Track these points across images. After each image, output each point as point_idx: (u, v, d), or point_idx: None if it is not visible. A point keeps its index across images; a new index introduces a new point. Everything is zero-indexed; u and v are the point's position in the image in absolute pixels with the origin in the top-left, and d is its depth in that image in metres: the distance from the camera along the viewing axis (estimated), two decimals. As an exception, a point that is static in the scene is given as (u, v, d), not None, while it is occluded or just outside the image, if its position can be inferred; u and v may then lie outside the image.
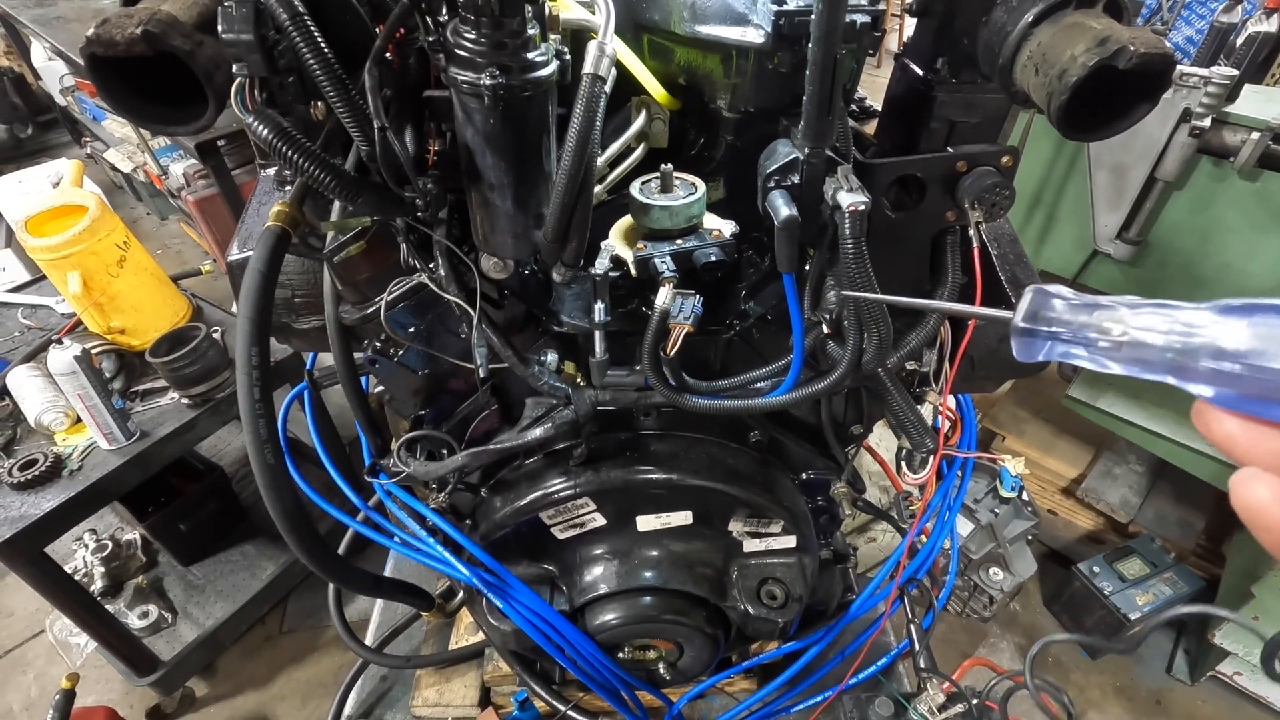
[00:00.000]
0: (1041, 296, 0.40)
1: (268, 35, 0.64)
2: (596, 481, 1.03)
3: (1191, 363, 0.34)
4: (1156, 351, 0.36)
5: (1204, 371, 0.34)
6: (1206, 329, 0.34)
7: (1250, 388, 0.33)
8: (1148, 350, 0.36)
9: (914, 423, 0.94)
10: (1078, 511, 3.08)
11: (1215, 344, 0.33)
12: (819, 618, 1.31)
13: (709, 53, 0.80)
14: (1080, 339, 0.39)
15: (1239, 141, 2.12)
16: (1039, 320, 0.40)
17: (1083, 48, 0.64)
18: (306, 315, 1.10)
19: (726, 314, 0.98)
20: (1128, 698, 2.63)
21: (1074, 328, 0.39)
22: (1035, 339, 0.40)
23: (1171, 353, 0.35)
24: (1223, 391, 0.34)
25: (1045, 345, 0.40)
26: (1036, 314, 0.40)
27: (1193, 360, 0.34)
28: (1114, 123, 0.71)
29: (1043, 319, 0.40)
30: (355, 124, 0.68)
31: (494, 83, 0.65)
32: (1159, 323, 0.36)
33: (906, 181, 0.83)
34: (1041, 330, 0.40)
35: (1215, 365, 0.33)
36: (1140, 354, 0.36)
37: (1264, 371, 0.32)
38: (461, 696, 1.52)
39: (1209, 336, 0.34)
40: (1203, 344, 0.34)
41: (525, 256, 0.84)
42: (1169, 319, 0.35)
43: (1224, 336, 0.33)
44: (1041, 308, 0.40)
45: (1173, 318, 0.35)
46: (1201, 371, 0.34)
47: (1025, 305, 0.41)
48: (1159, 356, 0.35)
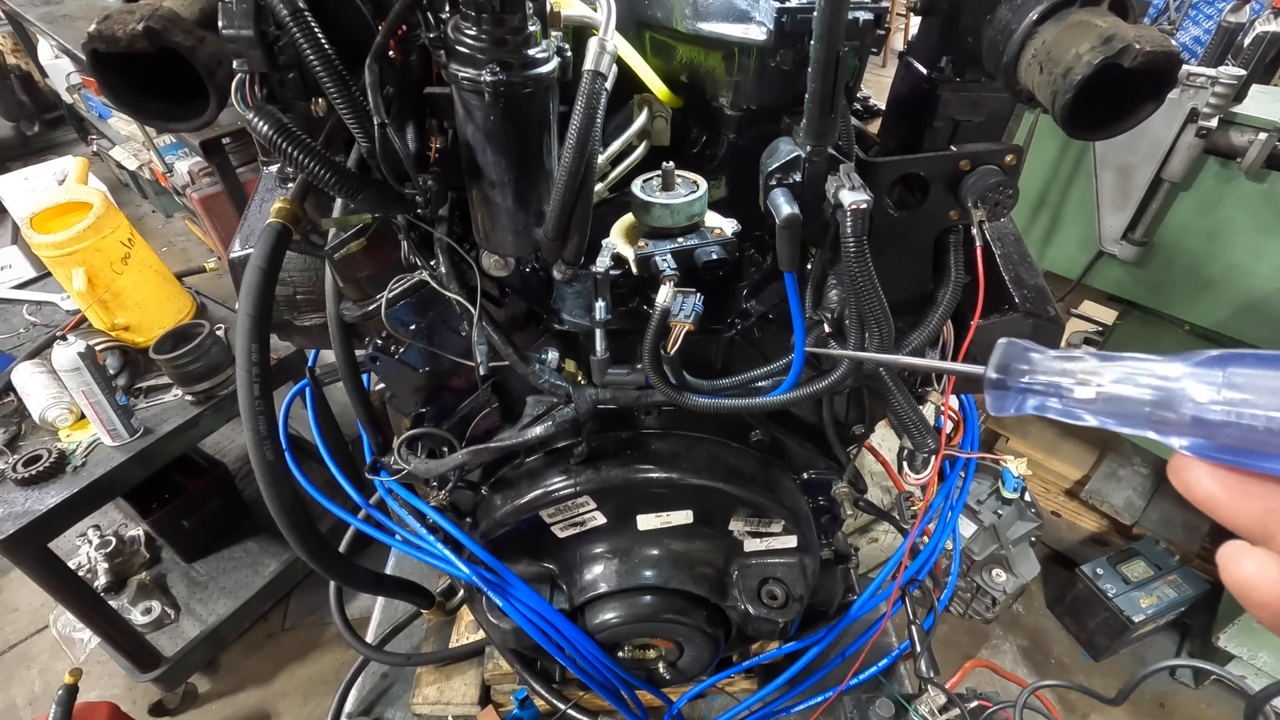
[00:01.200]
0: (1014, 349, 0.40)
1: (268, 31, 0.64)
2: (597, 480, 1.03)
3: (1168, 415, 0.34)
4: (1133, 405, 0.35)
5: (1181, 423, 0.34)
6: (1182, 381, 0.33)
7: (1229, 438, 0.32)
8: (1124, 404, 0.35)
9: (916, 423, 0.93)
10: (1081, 513, 3.07)
11: (1192, 396, 0.33)
12: (820, 618, 1.30)
13: (711, 50, 0.80)
14: (1054, 392, 0.38)
15: (1246, 142, 2.11)
16: (1011, 373, 0.39)
17: (1088, 46, 0.63)
18: (308, 312, 1.10)
19: (728, 313, 0.98)
20: (1131, 701, 2.60)
21: (1047, 381, 0.38)
22: (1008, 392, 0.40)
23: (1148, 406, 0.35)
24: (1200, 443, 0.34)
25: (1018, 399, 0.40)
26: (1009, 366, 0.39)
27: (1170, 412, 0.34)
28: (1119, 122, 0.70)
29: (1015, 371, 0.39)
30: (356, 120, 0.68)
31: (495, 79, 0.64)
32: (1134, 375, 0.35)
33: (910, 180, 0.83)
34: (1014, 384, 0.39)
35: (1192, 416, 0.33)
36: (1116, 407, 0.36)
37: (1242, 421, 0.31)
38: (462, 694, 1.52)
39: (1185, 388, 0.33)
40: (1178, 396, 0.33)
41: (526, 254, 0.84)
42: (1144, 372, 0.35)
43: (1200, 388, 0.33)
44: (1014, 360, 0.40)
45: (1148, 370, 0.35)
46: (1178, 424, 0.34)
47: (996, 358, 0.40)
48: (1135, 410, 0.35)
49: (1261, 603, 0.34)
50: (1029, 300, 0.99)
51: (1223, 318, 2.36)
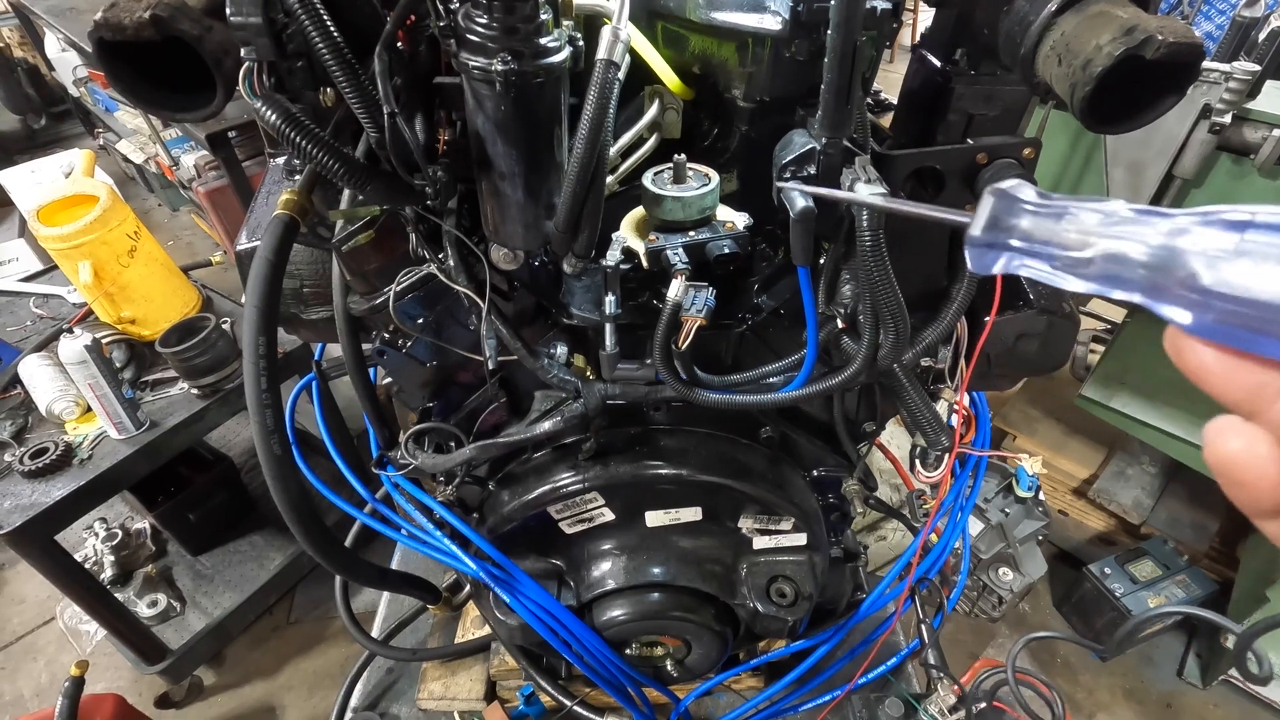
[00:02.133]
0: (1004, 201, 0.35)
1: (276, 19, 0.63)
2: (605, 476, 1.02)
3: (1167, 281, 0.30)
4: (1130, 266, 0.31)
5: (1181, 293, 0.30)
6: (1189, 242, 0.29)
7: (1232, 317, 0.28)
8: (1120, 264, 0.31)
9: (929, 420, 0.92)
10: (1089, 512, 3.05)
11: (1196, 261, 0.29)
12: (828, 616, 1.30)
13: (724, 40, 0.79)
14: (1043, 252, 0.34)
15: (1260, 138, 2.09)
16: (999, 229, 0.35)
17: (1109, 37, 0.62)
18: (315, 306, 1.10)
19: (739, 308, 0.97)
20: (1138, 700, 2.60)
21: (1037, 239, 0.34)
22: (992, 250, 0.35)
23: (1146, 269, 0.30)
24: (1200, 318, 0.30)
25: (1003, 257, 0.35)
26: (997, 221, 0.35)
27: (1169, 279, 0.30)
28: (1139, 115, 0.69)
29: (1004, 227, 0.35)
30: (365, 110, 0.67)
31: (506, 68, 0.63)
32: (1136, 233, 0.31)
33: (923, 174, 0.82)
34: (1001, 241, 0.35)
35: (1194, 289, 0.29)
36: (1111, 269, 0.32)
37: (1248, 300, 0.27)
38: (467, 690, 1.51)
39: (1191, 254, 0.29)
40: (1182, 260, 0.29)
41: (536, 247, 0.83)
42: (1148, 229, 0.31)
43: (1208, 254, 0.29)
44: (1004, 214, 0.35)
45: (1152, 228, 0.31)
46: (1178, 294, 0.30)
47: (986, 211, 0.35)
48: (1132, 273, 0.31)
49: (1241, 481, 0.31)
50: (1044, 297, 0.98)
51: (1234, 317, 2.34)
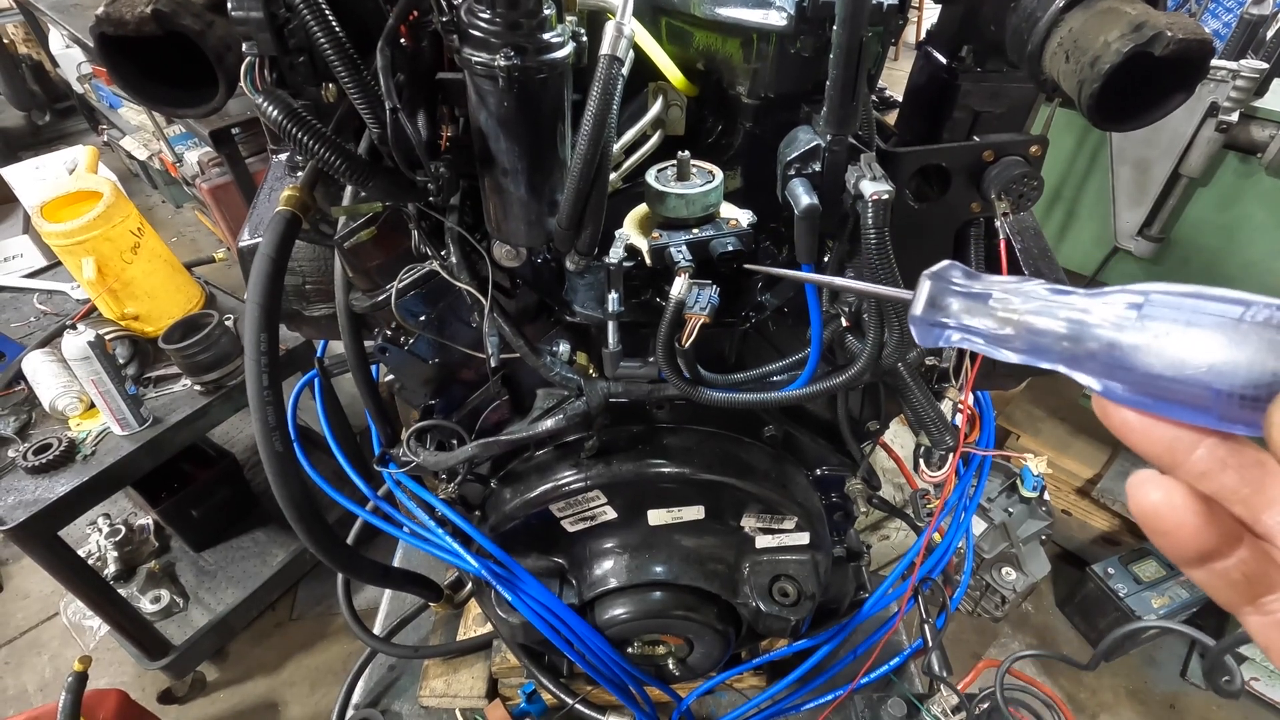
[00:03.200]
0: (940, 284, 0.39)
1: (278, 13, 0.62)
2: (608, 474, 1.02)
3: (1081, 354, 0.34)
4: (1049, 340, 0.35)
5: (1093, 365, 0.33)
6: (1096, 318, 0.33)
7: (1136, 385, 0.32)
8: (1041, 338, 0.35)
9: (934, 419, 0.92)
10: (1093, 512, 3.04)
11: (1105, 337, 0.33)
12: (831, 616, 1.29)
13: (729, 36, 0.78)
14: (974, 328, 0.38)
15: (1267, 137, 2.08)
16: (936, 309, 0.39)
17: (1117, 34, 0.61)
18: (317, 302, 1.09)
19: (742, 306, 0.96)
20: (1141, 701, 2.60)
21: (971, 316, 0.38)
22: (934, 327, 0.40)
23: (1064, 341, 0.34)
24: (1110, 385, 0.33)
25: (944, 333, 0.40)
26: (934, 300, 0.39)
27: (1083, 352, 0.34)
28: (1147, 112, 0.68)
29: (940, 307, 0.39)
30: (367, 105, 0.66)
31: (509, 64, 0.63)
32: (1051, 309, 0.35)
33: (929, 172, 0.81)
34: (939, 319, 0.39)
35: (1104, 359, 0.33)
36: (1033, 341, 0.36)
37: (1147, 372, 0.31)
38: (469, 687, 1.51)
39: (1099, 327, 0.33)
40: (1091, 334, 0.33)
41: (538, 244, 0.82)
42: (1062, 307, 0.35)
43: (1114, 329, 0.32)
44: (939, 295, 0.39)
45: (1066, 306, 0.35)
46: (1091, 364, 0.33)
47: (924, 293, 0.40)
48: (1052, 345, 0.35)
49: (1163, 530, 0.34)
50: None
51: (1240, 316, 2.33)
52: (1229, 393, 0.29)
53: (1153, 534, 0.34)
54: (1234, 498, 0.32)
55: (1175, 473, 0.33)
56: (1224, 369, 0.29)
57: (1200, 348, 0.30)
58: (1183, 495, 0.33)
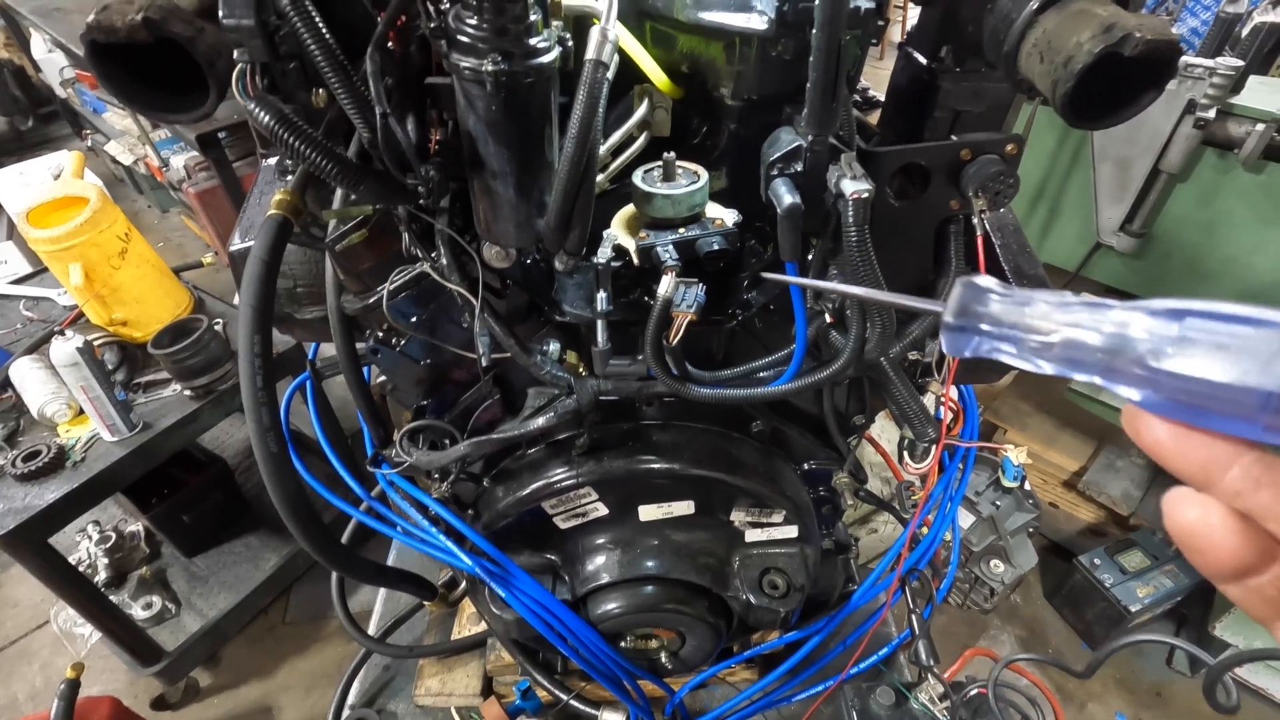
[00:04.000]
0: (973, 291, 0.39)
1: (269, 21, 0.63)
2: (599, 471, 1.03)
3: (1120, 364, 0.33)
4: (1087, 351, 0.35)
5: (1132, 374, 0.33)
6: (1137, 330, 0.33)
7: (1177, 394, 0.32)
8: (1078, 349, 0.35)
9: (916, 413, 0.94)
10: (1079, 504, 3.08)
11: (1144, 346, 0.32)
12: (821, 608, 1.31)
13: (712, 40, 0.80)
14: (1010, 337, 0.38)
15: (1244, 133, 2.11)
16: (969, 315, 0.39)
17: (1088, 34, 0.63)
18: (309, 305, 1.10)
19: (729, 304, 0.98)
20: (1129, 690, 2.63)
21: (1004, 325, 0.38)
22: (964, 334, 0.39)
23: (1101, 353, 0.34)
24: (1150, 396, 0.33)
25: (974, 341, 0.39)
26: (967, 309, 0.39)
27: (1121, 362, 0.33)
28: (1120, 111, 0.70)
29: (973, 314, 0.39)
30: (357, 110, 0.67)
31: (496, 69, 0.64)
32: (1090, 321, 0.35)
33: (910, 170, 0.83)
34: (971, 326, 0.39)
35: (1143, 369, 0.33)
36: (1070, 353, 0.35)
37: (1189, 379, 0.31)
38: (464, 686, 1.52)
39: (1139, 338, 0.33)
40: (1132, 346, 0.33)
41: (528, 245, 0.84)
42: (1100, 318, 0.35)
43: (1154, 339, 0.32)
44: (972, 302, 0.39)
45: (1104, 317, 0.34)
46: (1129, 374, 0.33)
47: (955, 299, 0.39)
48: (1089, 356, 0.35)
49: (1200, 549, 0.34)
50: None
51: (1220, 310, 2.37)
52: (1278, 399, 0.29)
53: (1189, 552, 0.34)
54: (1269, 515, 0.32)
55: (1210, 491, 0.33)
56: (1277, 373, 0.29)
57: (1247, 353, 0.30)
58: (1219, 514, 0.33)
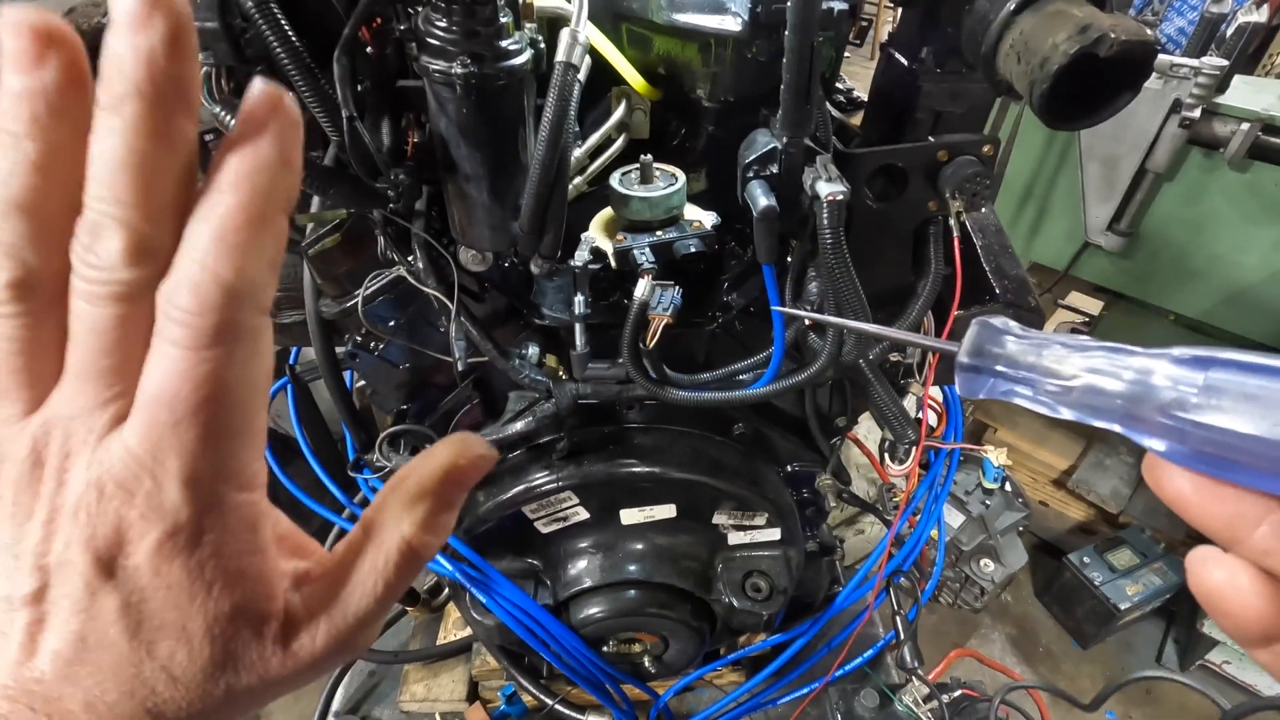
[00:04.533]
0: (988, 331, 0.37)
1: (234, 23, 0.63)
2: (579, 475, 1.03)
3: (1143, 413, 0.32)
4: (1107, 399, 0.33)
5: (1155, 424, 0.32)
6: (1160, 378, 0.32)
7: (1203, 445, 0.30)
8: (1098, 396, 0.33)
9: (896, 414, 0.93)
10: (1069, 503, 3.09)
11: (1168, 395, 0.31)
12: (806, 610, 1.31)
13: (687, 41, 0.79)
14: (1026, 380, 0.36)
15: (1229, 132, 2.12)
16: (984, 356, 0.37)
17: (1064, 36, 0.63)
18: (287, 310, 1.09)
19: (709, 306, 0.98)
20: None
21: (1021, 368, 0.36)
22: (980, 375, 0.37)
23: (1123, 400, 0.33)
24: (1174, 446, 0.32)
25: (989, 383, 0.37)
26: (982, 349, 0.37)
27: (1144, 410, 0.32)
28: (1097, 111, 0.70)
29: (989, 355, 0.37)
30: (325, 115, 0.67)
31: (466, 71, 0.64)
32: (1110, 367, 0.33)
33: (891, 172, 0.83)
34: (986, 367, 0.37)
35: (1167, 419, 0.31)
36: (1090, 399, 0.34)
37: (1216, 430, 0.30)
38: (449, 691, 1.51)
39: (1162, 386, 0.31)
40: (1155, 394, 0.31)
41: (503, 249, 0.83)
42: (1121, 364, 0.33)
43: (1179, 388, 0.31)
44: (988, 343, 0.37)
45: (1126, 363, 0.33)
46: (1153, 423, 0.32)
47: (970, 340, 0.37)
48: (1109, 404, 0.33)
49: (1227, 612, 0.32)
50: (1010, 291, 0.99)
51: (1208, 308, 2.38)
52: None
53: (1215, 614, 0.33)
54: None
55: (1236, 549, 0.32)
56: None
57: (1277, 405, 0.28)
58: (1248, 576, 0.31)
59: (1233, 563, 0.32)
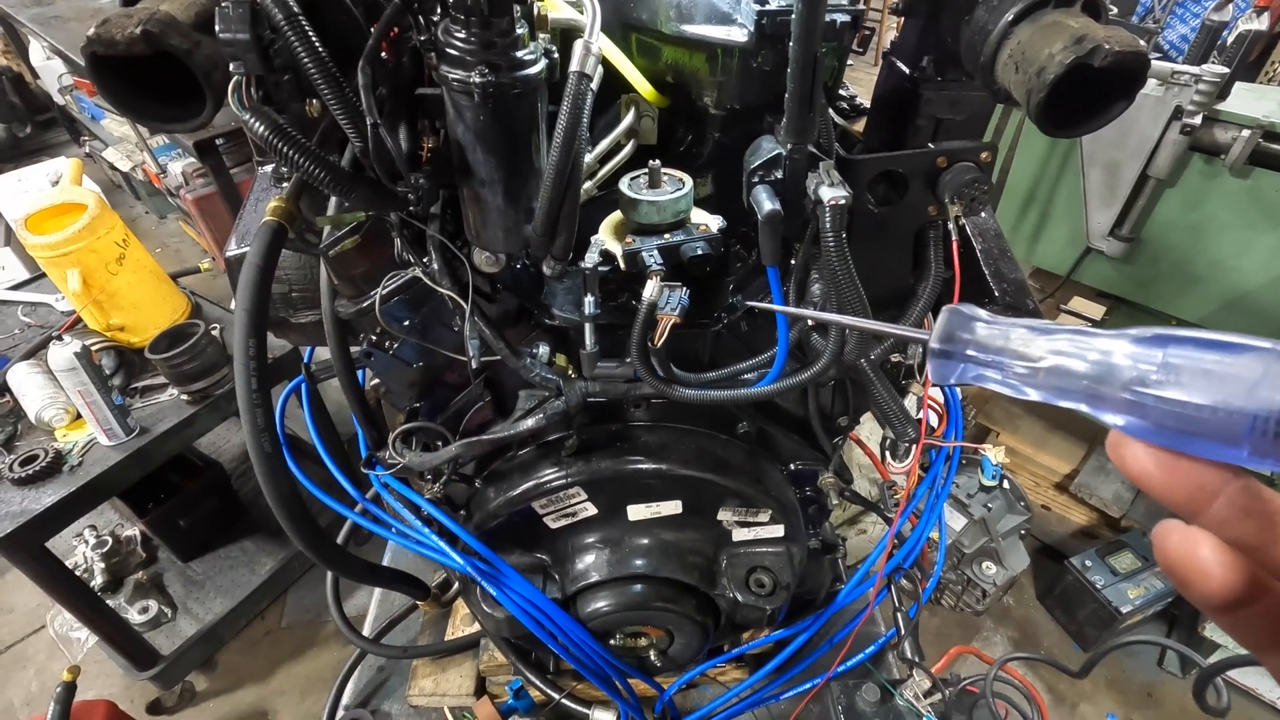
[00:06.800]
0: (958, 318, 0.39)
1: (264, 35, 0.65)
2: (588, 472, 1.05)
3: (1106, 391, 0.34)
4: (1073, 379, 0.35)
5: (1118, 400, 0.33)
6: (1121, 357, 0.33)
7: (1163, 419, 0.32)
8: (1064, 378, 0.35)
9: (896, 413, 0.96)
10: (1071, 506, 3.10)
11: (1129, 373, 0.33)
12: (808, 606, 1.33)
13: (695, 51, 0.82)
14: (995, 363, 0.38)
15: (1230, 139, 2.14)
16: (954, 342, 0.39)
17: (1060, 46, 0.65)
18: (303, 310, 1.12)
19: (714, 307, 1.00)
20: (1119, 690, 2.65)
21: (990, 352, 0.38)
22: (950, 361, 0.39)
23: (1087, 380, 0.34)
24: (1135, 421, 0.33)
25: (959, 368, 0.39)
26: (952, 336, 0.39)
27: (1107, 388, 0.34)
28: (1092, 120, 0.72)
29: (959, 341, 0.39)
30: (349, 121, 0.69)
31: (483, 80, 0.67)
32: (1074, 348, 0.35)
33: (892, 177, 0.85)
34: (956, 353, 0.39)
35: (1128, 395, 0.33)
36: (1056, 381, 0.36)
37: (1175, 403, 0.31)
38: (457, 686, 1.54)
39: (1123, 365, 0.33)
40: (1117, 372, 0.33)
41: (516, 251, 0.86)
42: (1085, 345, 0.35)
43: (1138, 366, 0.33)
44: (957, 329, 0.39)
45: (1089, 345, 0.35)
46: (1115, 400, 0.34)
47: (940, 326, 0.39)
48: (1075, 384, 0.35)
49: (1188, 581, 0.34)
50: (1008, 294, 1.02)
51: (1208, 313, 2.40)
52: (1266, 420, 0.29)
53: (1179, 584, 0.34)
54: (1256, 545, 0.32)
55: (1197, 520, 0.33)
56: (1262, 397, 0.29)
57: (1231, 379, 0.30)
58: (1210, 546, 0.33)
59: (1195, 534, 0.34)
